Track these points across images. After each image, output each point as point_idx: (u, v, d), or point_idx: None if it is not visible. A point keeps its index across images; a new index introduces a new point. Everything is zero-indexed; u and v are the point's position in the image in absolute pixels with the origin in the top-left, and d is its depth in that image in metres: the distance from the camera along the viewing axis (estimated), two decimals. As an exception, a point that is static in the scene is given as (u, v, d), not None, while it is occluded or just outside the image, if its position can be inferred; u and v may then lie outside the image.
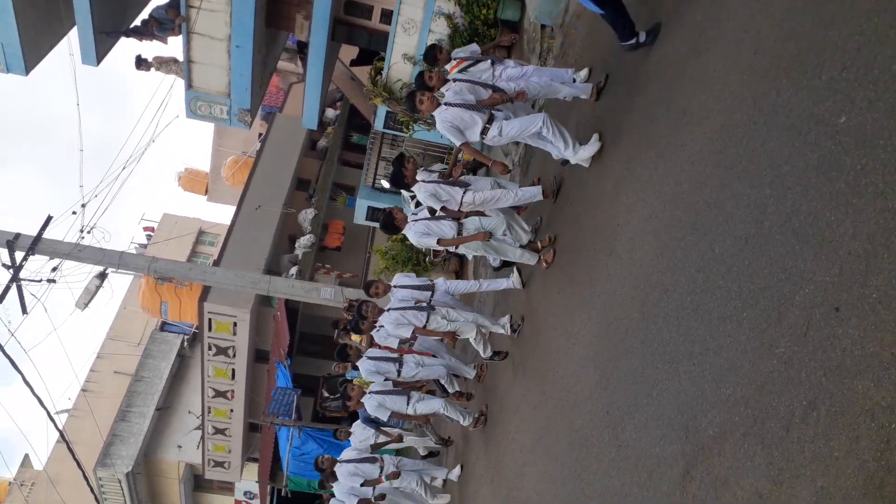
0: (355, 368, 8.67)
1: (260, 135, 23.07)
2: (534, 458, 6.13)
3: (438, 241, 6.61)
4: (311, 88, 11.28)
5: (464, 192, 6.37)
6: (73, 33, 10.76)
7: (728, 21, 4.10)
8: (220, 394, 18.65)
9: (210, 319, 16.79)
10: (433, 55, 6.53)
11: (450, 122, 5.79)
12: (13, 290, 11.54)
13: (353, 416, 9.75)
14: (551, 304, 6.45)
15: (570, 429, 5.34)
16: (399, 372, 7.98)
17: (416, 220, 6.75)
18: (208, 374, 18.09)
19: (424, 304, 7.24)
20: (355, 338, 9.36)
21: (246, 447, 20.25)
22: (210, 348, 17.46)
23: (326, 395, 16.74)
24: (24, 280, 11.54)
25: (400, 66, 10.33)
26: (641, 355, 4.28)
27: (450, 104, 5.81)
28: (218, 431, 19.63)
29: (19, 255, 11.50)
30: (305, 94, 11.44)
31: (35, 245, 11.60)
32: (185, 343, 24.89)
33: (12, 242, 11.41)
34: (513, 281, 7.41)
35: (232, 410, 19.02)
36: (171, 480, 22.92)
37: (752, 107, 3.60)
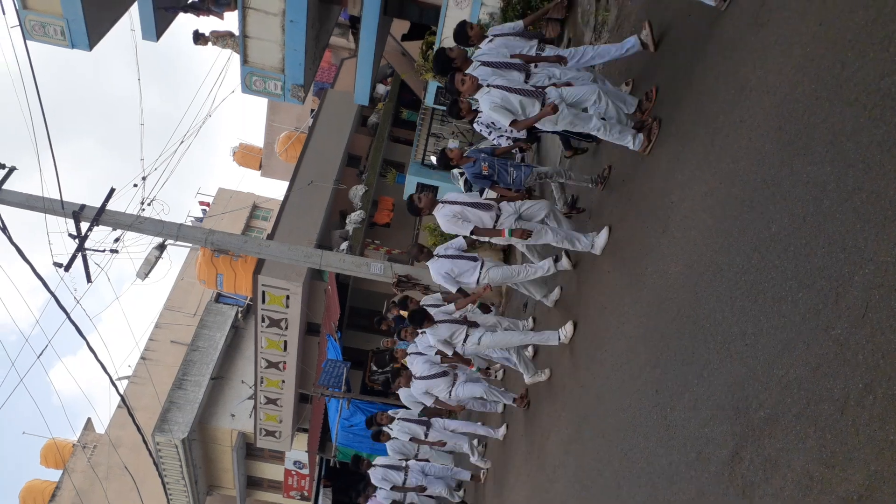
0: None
1: (312, 110, 23.31)
2: (580, 436, 6.14)
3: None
4: (363, 64, 11.33)
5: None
6: (134, 9, 11.03)
7: (792, -8, 3.95)
8: (272, 365, 19.13)
9: (264, 292, 17.18)
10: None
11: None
12: (78, 260, 12.01)
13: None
14: (601, 283, 6.40)
15: (617, 408, 5.32)
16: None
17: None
18: (261, 345, 18.55)
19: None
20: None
21: (297, 417, 20.76)
22: (263, 320, 17.89)
23: (375, 368, 17.04)
24: (89, 250, 11.99)
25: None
26: (692, 335, 4.23)
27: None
28: (270, 401, 20.16)
29: (84, 226, 11.95)
30: (357, 69, 11.49)
31: (99, 216, 12.02)
32: (240, 315, 25.54)
33: (78, 213, 11.85)
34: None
35: (284, 381, 19.49)
36: (224, 447, 23.70)
37: (814, 81, 3.49)
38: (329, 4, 11.61)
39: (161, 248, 12.70)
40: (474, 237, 6.70)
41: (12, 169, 11.92)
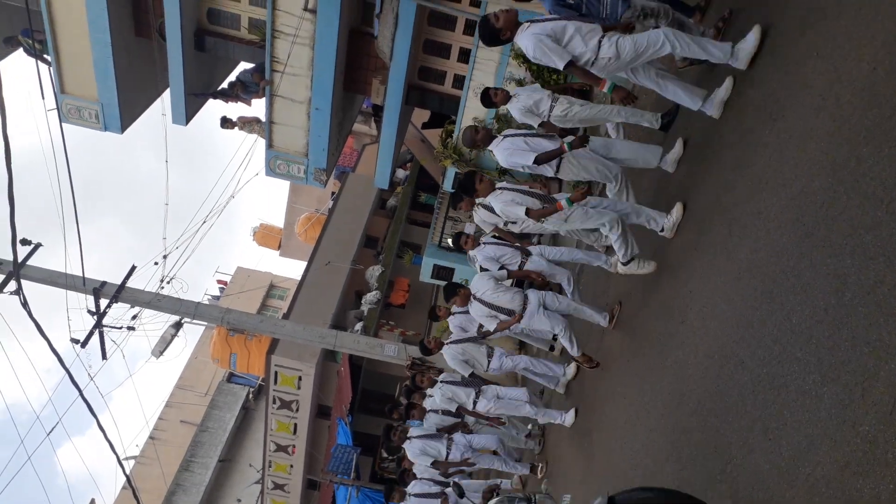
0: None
1: (333, 193, 23.80)
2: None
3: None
4: (384, 150, 11.64)
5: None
6: (166, 94, 11.50)
7: (805, 89, 4.05)
8: (281, 448, 18.76)
9: (276, 372, 17.06)
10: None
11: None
12: (95, 337, 12.05)
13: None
14: (620, 372, 6.30)
15: None
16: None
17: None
18: (271, 427, 18.27)
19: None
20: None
21: (304, 504, 20.20)
22: (275, 401, 17.68)
23: (385, 455, 16.64)
24: (107, 326, 12.05)
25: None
26: (714, 429, 4.12)
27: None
28: (277, 487, 19.67)
29: (104, 303, 12.05)
30: (378, 154, 11.80)
31: (119, 293, 12.15)
32: (251, 395, 25.29)
33: (98, 290, 11.98)
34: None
35: (292, 466, 19.07)
36: (228, 534, 23.01)
37: (831, 175, 3.52)
38: (353, 94, 12.04)
39: (177, 326, 12.75)
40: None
41: (38, 245, 12.16)
